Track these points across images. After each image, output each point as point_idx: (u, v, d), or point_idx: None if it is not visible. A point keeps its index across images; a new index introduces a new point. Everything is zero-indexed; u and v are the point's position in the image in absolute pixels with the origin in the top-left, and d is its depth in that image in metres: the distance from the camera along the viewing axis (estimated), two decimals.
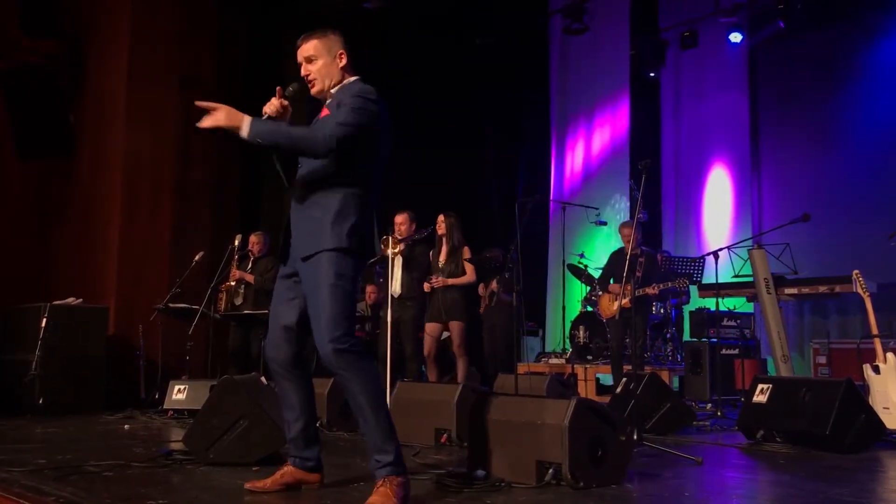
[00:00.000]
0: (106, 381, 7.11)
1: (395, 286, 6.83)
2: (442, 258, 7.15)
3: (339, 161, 3.16)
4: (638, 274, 7.06)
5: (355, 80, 3.33)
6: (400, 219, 6.93)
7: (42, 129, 8.17)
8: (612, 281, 7.62)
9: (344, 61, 3.32)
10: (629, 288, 7.06)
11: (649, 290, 7.13)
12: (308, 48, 3.31)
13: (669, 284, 7.24)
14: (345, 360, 3.05)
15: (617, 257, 7.53)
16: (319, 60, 3.30)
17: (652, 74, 11.30)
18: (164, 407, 6.49)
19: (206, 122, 2.98)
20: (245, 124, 2.99)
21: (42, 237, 8.26)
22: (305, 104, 3.53)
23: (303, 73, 3.33)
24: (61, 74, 8.29)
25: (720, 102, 10.58)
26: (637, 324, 7.00)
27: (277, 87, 3.28)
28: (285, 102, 3.29)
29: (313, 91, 3.33)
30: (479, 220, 10.58)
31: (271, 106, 3.25)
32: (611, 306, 7.42)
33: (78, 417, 6.37)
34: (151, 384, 7.32)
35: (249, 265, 7.65)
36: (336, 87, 3.31)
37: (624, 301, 7.03)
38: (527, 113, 11.70)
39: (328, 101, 3.29)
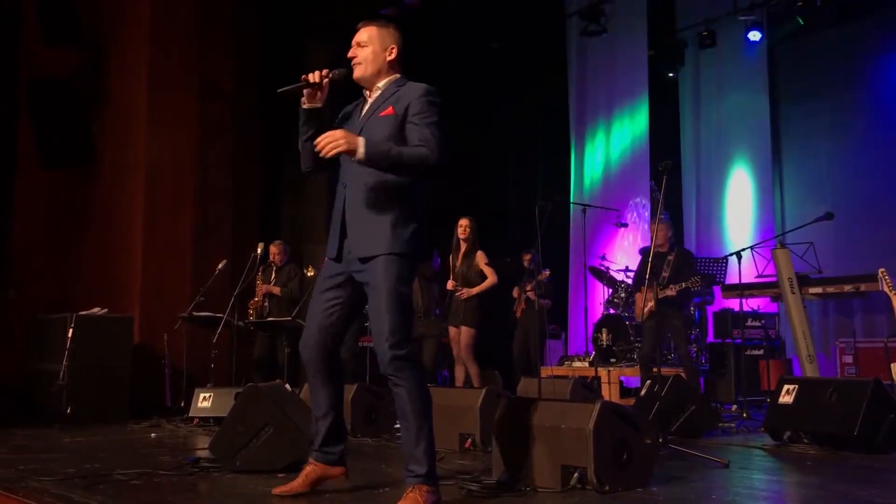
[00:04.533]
0: (132, 389, 7.16)
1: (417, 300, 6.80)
2: (458, 262, 7.19)
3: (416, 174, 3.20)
4: (665, 274, 6.95)
5: (401, 77, 3.36)
6: None
7: (64, 139, 8.25)
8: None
9: (393, 56, 3.36)
10: (657, 289, 6.95)
11: (668, 292, 6.86)
12: (363, 33, 3.36)
13: (683, 286, 6.90)
14: (401, 366, 3.09)
15: (646, 256, 7.26)
16: (369, 47, 3.34)
17: (671, 74, 11.24)
18: (190, 415, 6.53)
19: (329, 151, 3.02)
20: (360, 145, 3.04)
21: (65, 247, 8.32)
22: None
23: (350, 54, 3.36)
24: (82, 84, 8.37)
25: (740, 101, 10.51)
26: (675, 326, 6.91)
27: (326, 70, 3.31)
28: (325, 80, 3.30)
29: (355, 74, 3.35)
30: (498, 223, 10.57)
31: (314, 76, 3.27)
32: (641, 309, 7.11)
33: (105, 426, 6.43)
34: (177, 392, 7.36)
35: (273, 275, 7.69)
36: (385, 81, 3.34)
37: (650, 304, 6.90)
38: (545, 115, 11.67)
39: (378, 96, 3.31)
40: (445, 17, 9.74)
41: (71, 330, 6.85)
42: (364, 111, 3.35)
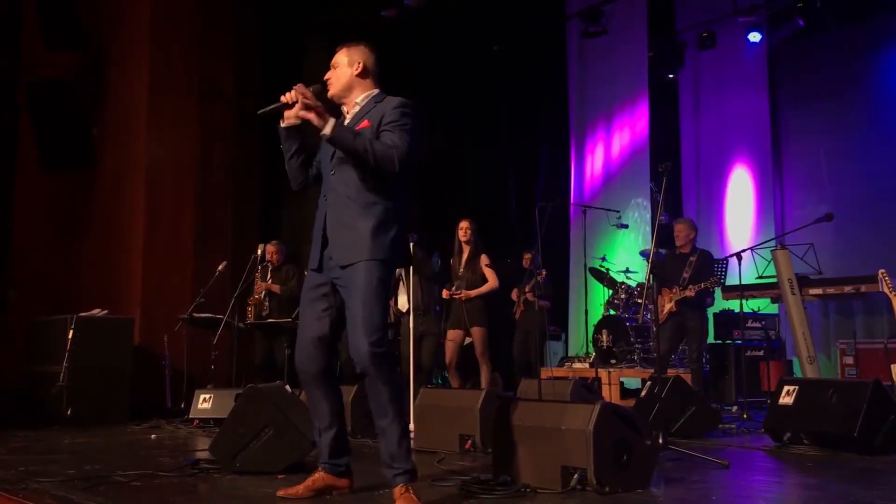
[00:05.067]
0: (132, 391, 7.16)
1: (412, 300, 6.75)
2: (462, 266, 7.13)
3: (382, 175, 3.23)
4: (685, 275, 6.94)
5: (380, 93, 3.42)
6: None
7: (65, 142, 8.27)
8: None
9: (358, 70, 3.41)
10: (676, 290, 6.95)
11: (687, 293, 6.82)
12: (337, 56, 3.46)
13: (702, 286, 6.83)
14: (380, 362, 3.12)
15: (667, 258, 7.22)
16: (339, 68, 3.43)
17: (671, 76, 11.25)
18: (190, 416, 6.53)
19: (297, 113, 3.17)
20: (329, 124, 3.16)
21: (66, 248, 8.34)
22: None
23: (325, 77, 3.46)
24: (83, 87, 8.39)
25: (740, 103, 10.51)
26: (692, 329, 6.90)
27: (300, 84, 3.35)
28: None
29: (329, 93, 3.44)
30: (498, 224, 10.56)
31: (290, 95, 3.31)
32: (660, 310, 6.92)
33: (105, 428, 6.43)
34: (177, 394, 7.37)
35: (269, 275, 7.69)
36: (363, 97, 3.41)
37: (669, 305, 6.90)
38: (545, 117, 11.68)
39: (357, 112, 3.37)
40: (446, 18, 9.74)
41: (71, 331, 6.86)
42: None
